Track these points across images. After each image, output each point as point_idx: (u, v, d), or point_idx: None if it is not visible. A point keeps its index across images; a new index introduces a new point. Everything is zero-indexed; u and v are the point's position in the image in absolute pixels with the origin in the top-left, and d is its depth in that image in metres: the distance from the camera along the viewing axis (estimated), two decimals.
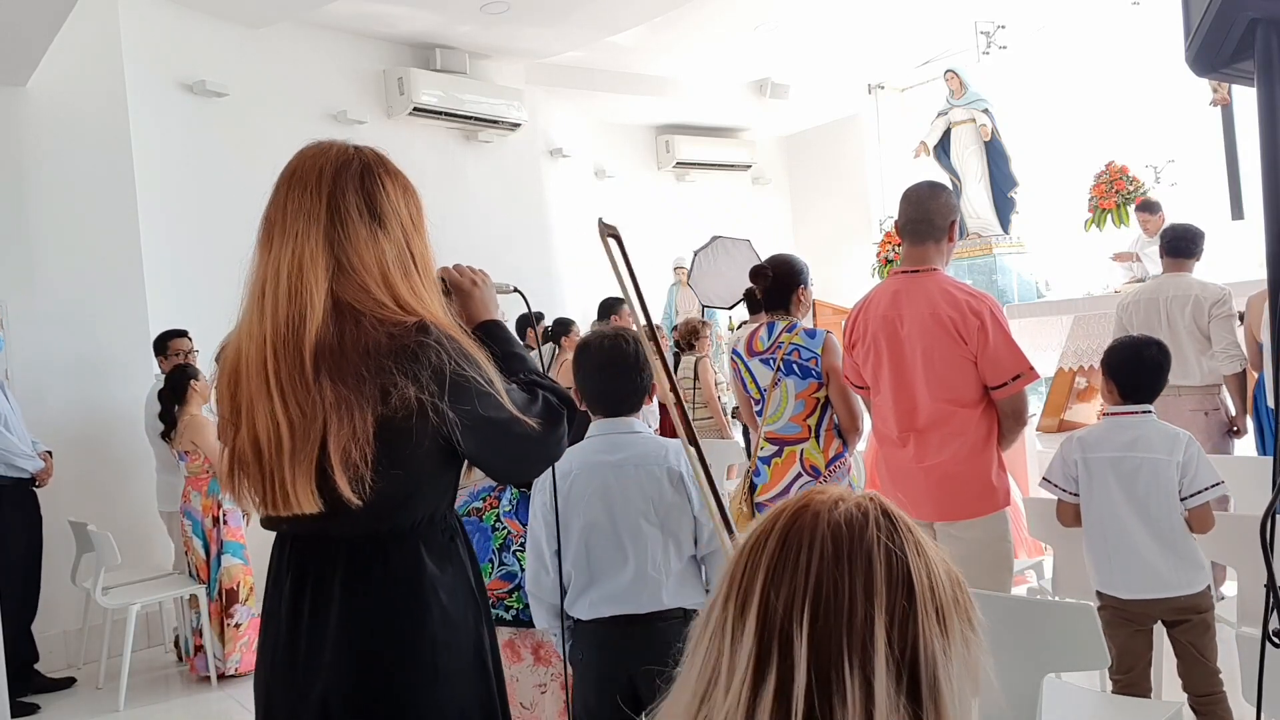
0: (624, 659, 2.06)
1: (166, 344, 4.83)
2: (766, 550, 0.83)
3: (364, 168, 1.47)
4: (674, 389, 1.77)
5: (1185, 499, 2.56)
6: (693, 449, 1.68)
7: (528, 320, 7.08)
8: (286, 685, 1.46)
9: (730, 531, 1.71)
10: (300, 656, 1.44)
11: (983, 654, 0.85)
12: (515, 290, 1.85)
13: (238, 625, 4.44)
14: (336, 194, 1.43)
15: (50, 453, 4.57)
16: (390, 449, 1.37)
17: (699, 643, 0.84)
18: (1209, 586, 2.59)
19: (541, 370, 1.62)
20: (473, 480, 2.40)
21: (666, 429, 6.73)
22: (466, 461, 1.52)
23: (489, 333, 1.62)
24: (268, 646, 1.50)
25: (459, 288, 1.65)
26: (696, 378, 6.56)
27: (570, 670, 2.16)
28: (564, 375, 6.52)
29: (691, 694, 0.82)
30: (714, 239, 8.67)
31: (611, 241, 1.68)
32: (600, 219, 1.73)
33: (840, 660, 0.77)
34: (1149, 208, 6.72)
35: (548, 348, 6.64)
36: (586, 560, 2.12)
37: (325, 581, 1.44)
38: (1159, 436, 2.59)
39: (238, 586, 4.45)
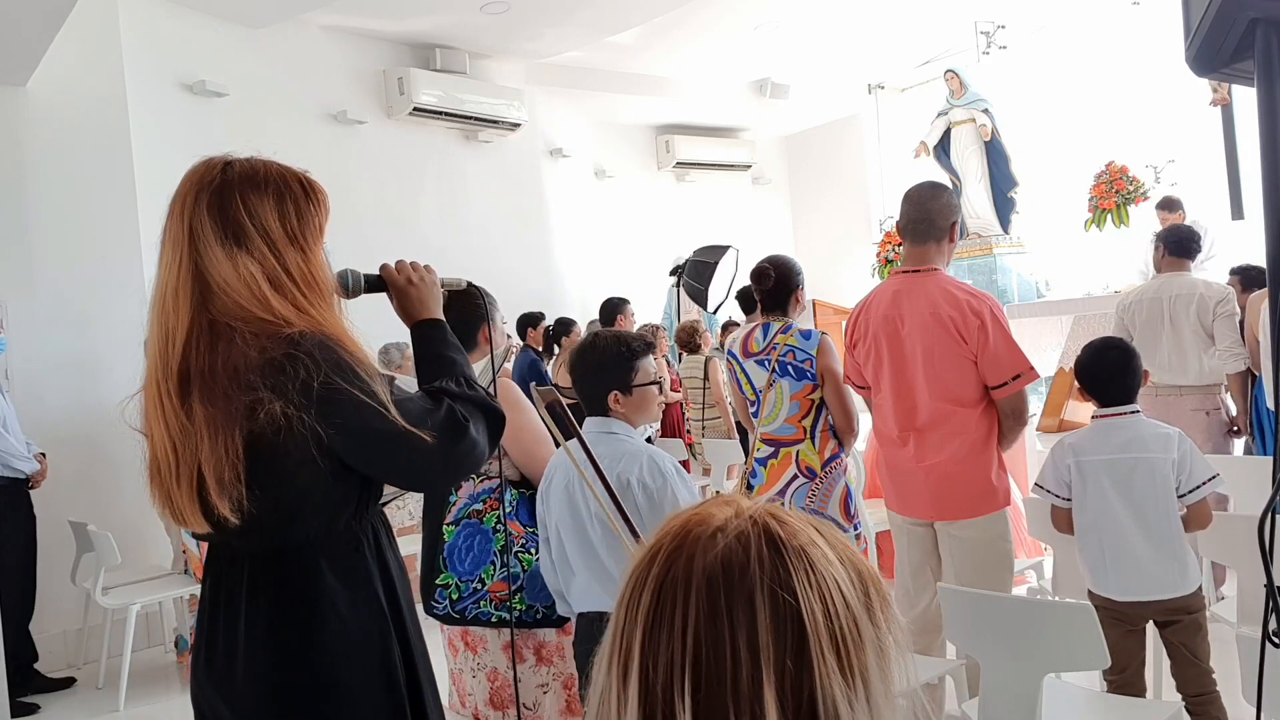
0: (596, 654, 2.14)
1: None
2: (642, 606, 0.74)
3: (222, 185, 1.44)
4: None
5: (1183, 495, 2.56)
6: (578, 447, 1.60)
7: (529, 319, 7.08)
8: (206, 696, 1.49)
9: (637, 537, 1.71)
10: (216, 667, 1.46)
11: (902, 654, 0.77)
12: (470, 286, 1.80)
13: None
14: (195, 217, 1.43)
15: (44, 454, 4.57)
16: (264, 465, 1.37)
17: (591, 700, 0.78)
18: (1200, 587, 2.59)
19: (471, 377, 1.57)
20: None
21: (668, 429, 6.74)
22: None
23: (423, 334, 1.59)
24: (194, 654, 1.54)
25: (394, 285, 1.61)
26: (706, 378, 6.54)
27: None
28: (564, 377, 6.52)
29: None
30: (708, 248, 8.59)
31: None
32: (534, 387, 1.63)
33: None
34: (1169, 205, 6.49)
35: (499, 353, 6.57)
36: (564, 556, 2.19)
37: (234, 593, 1.45)
38: (1152, 436, 2.59)
39: None
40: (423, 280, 1.62)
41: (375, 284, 1.62)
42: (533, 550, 2.33)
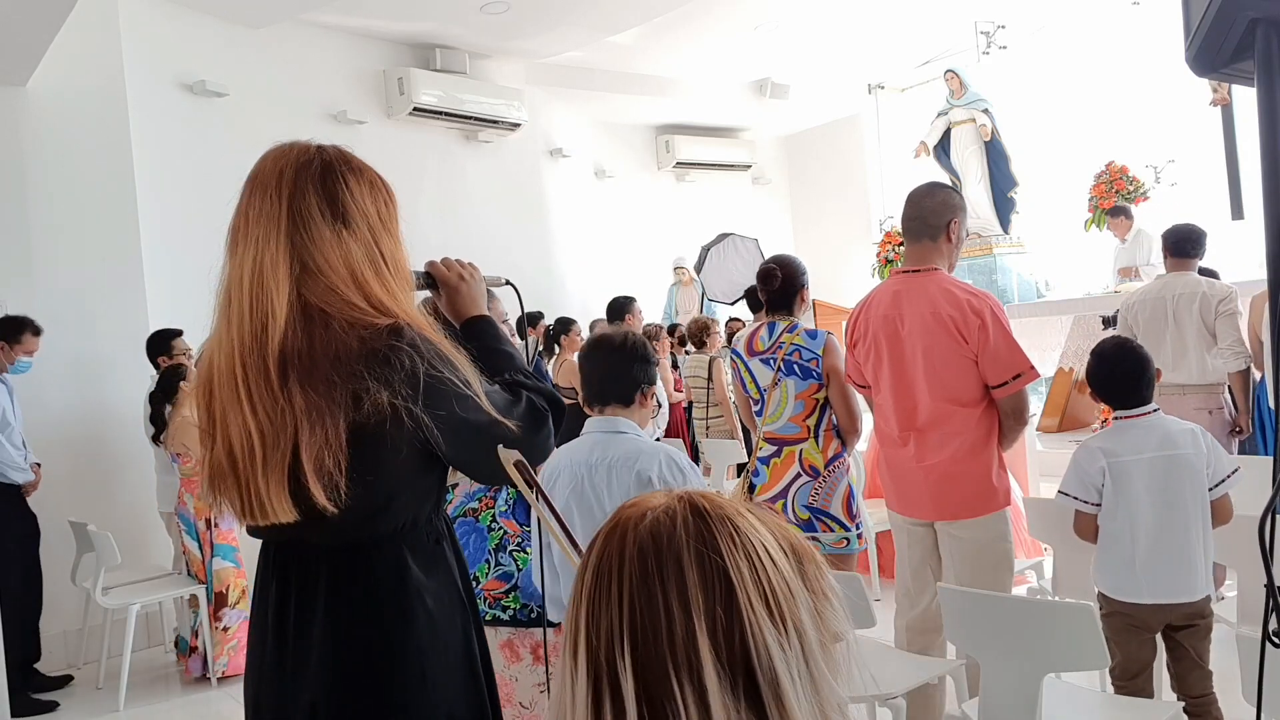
0: None
1: (170, 343, 4.82)
2: (584, 586, 0.79)
3: (325, 166, 1.43)
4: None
5: (1211, 489, 2.54)
6: (529, 489, 1.51)
7: (530, 319, 7.08)
8: (274, 694, 1.45)
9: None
10: (287, 665, 1.43)
11: (841, 623, 0.79)
12: (508, 283, 1.82)
13: (225, 629, 4.43)
14: (297, 195, 1.39)
15: (39, 464, 4.57)
16: (365, 455, 1.35)
17: (553, 689, 0.82)
18: (1212, 589, 2.59)
19: (529, 369, 1.58)
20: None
21: (671, 429, 6.73)
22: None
23: (476, 329, 1.59)
24: (255, 654, 1.49)
25: (446, 282, 1.61)
26: (710, 378, 6.52)
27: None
28: (564, 376, 6.51)
29: None
30: (725, 236, 8.67)
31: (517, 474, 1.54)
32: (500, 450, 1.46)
33: (669, 683, 0.72)
34: (1115, 212, 7.15)
35: (530, 340, 6.59)
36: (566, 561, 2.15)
37: (309, 590, 1.42)
38: (1179, 432, 2.56)
39: (227, 590, 4.43)
40: (472, 277, 1.64)
41: (424, 281, 1.62)
42: (528, 549, 2.33)
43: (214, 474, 1.40)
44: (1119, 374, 2.63)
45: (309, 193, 1.40)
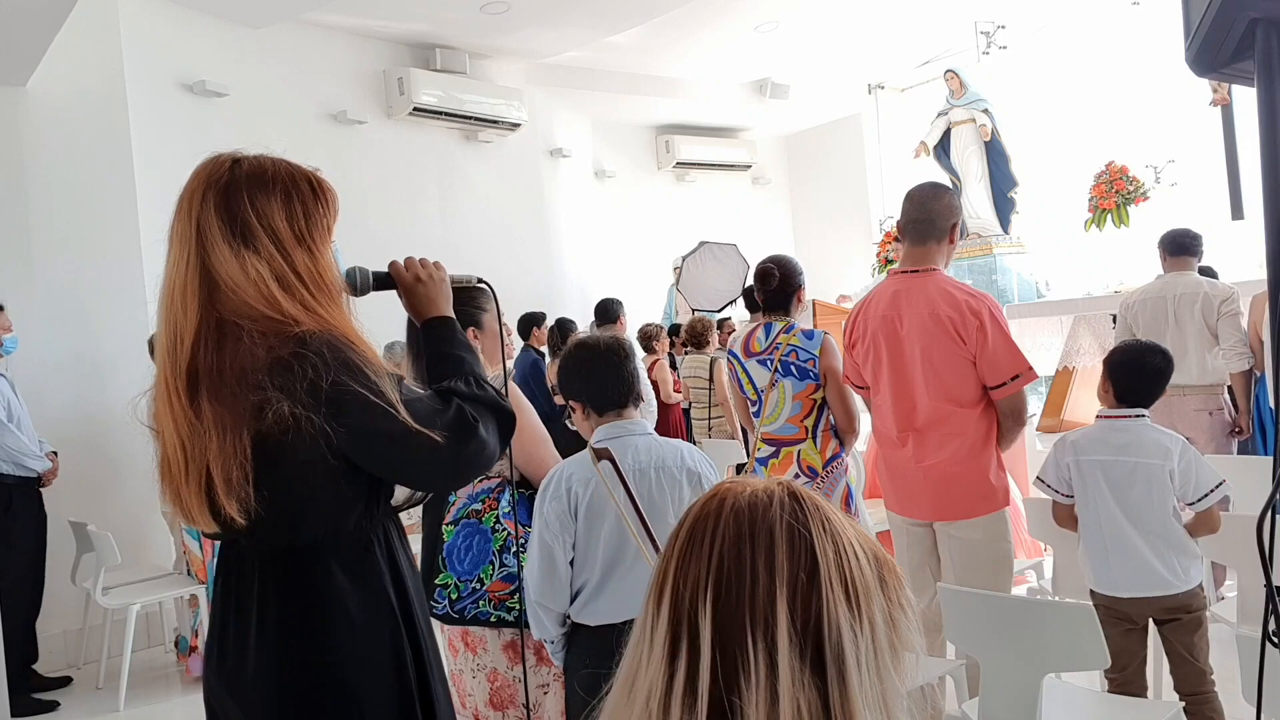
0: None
1: None
2: (678, 540, 0.85)
3: (230, 184, 1.43)
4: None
5: (1193, 503, 2.58)
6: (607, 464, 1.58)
7: (532, 318, 7.08)
8: (217, 694, 1.49)
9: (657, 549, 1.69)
10: (228, 666, 1.45)
11: (913, 635, 0.83)
12: (480, 282, 1.80)
13: None
14: (202, 216, 1.42)
15: (56, 453, 4.57)
16: (272, 466, 1.36)
17: (632, 635, 0.86)
18: (1200, 585, 2.60)
19: (480, 376, 1.55)
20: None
21: (670, 431, 6.72)
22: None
23: (431, 331, 1.58)
24: (206, 653, 1.53)
25: (402, 282, 1.60)
26: (711, 379, 6.50)
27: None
28: None
29: (621, 682, 0.85)
30: (701, 244, 8.69)
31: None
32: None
33: (744, 636, 0.78)
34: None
35: (510, 355, 6.52)
36: (611, 567, 2.07)
37: (245, 591, 1.45)
38: (1153, 442, 2.59)
39: None
40: (431, 278, 1.61)
41: (384, 281, 1.61)
42: None
43: (161, 473, 1.44)
44: (1146, 367, 2.66)
45: (210, 212, 1.42)
